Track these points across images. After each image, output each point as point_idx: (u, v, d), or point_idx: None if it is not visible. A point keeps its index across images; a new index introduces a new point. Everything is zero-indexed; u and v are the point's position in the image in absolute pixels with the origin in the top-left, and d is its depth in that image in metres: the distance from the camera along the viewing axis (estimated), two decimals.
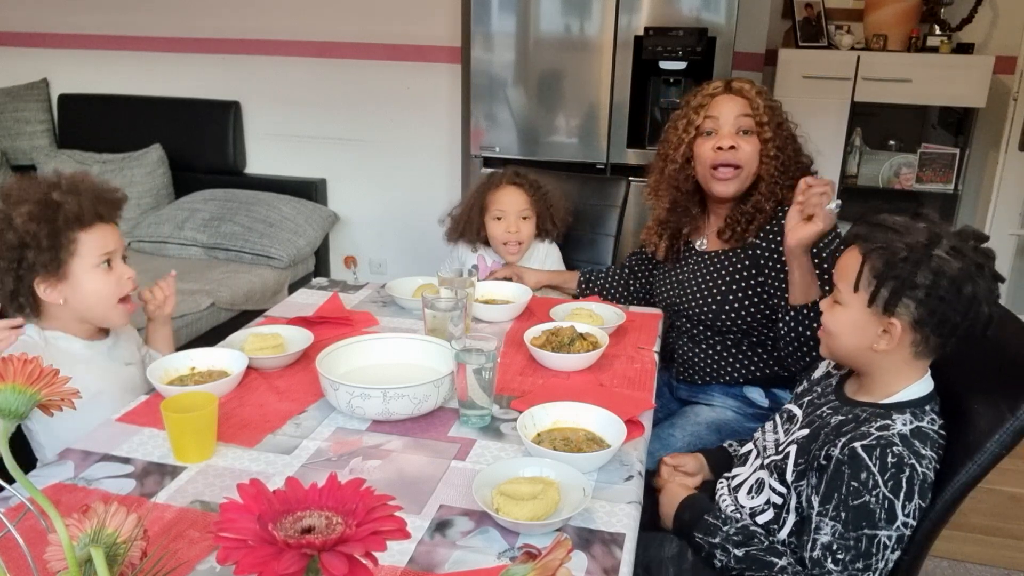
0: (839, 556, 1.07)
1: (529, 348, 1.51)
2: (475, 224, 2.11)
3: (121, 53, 3.64)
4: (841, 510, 1.07)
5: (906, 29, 3.11)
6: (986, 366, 1.19)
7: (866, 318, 1.14)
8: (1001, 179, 3.13)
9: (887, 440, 1.08)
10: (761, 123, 1.66)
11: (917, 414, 1.13)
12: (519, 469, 1.09)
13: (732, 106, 1.67)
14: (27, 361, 0.71)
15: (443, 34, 3.31)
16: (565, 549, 0.69)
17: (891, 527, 1.06)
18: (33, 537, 0.76)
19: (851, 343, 1.18)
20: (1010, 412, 1.09)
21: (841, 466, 1.09)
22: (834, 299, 1.20)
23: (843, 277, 1.17)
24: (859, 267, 1.13)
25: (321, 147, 3.59)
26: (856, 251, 1.16)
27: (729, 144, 1.64)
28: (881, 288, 1.11)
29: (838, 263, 1.20)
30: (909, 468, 1.06)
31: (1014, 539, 2.28)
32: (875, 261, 1.12)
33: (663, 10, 2.77)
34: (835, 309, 1.19)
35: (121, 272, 1.40)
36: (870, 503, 1.06)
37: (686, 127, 1.71)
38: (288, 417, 1.29)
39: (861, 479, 1.07)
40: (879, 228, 1.15)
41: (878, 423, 1.11)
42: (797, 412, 1.30)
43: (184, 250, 3.17)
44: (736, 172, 1.66)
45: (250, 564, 0.59)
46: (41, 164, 3.54)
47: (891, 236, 1.12)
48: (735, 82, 1.71)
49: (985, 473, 1.12)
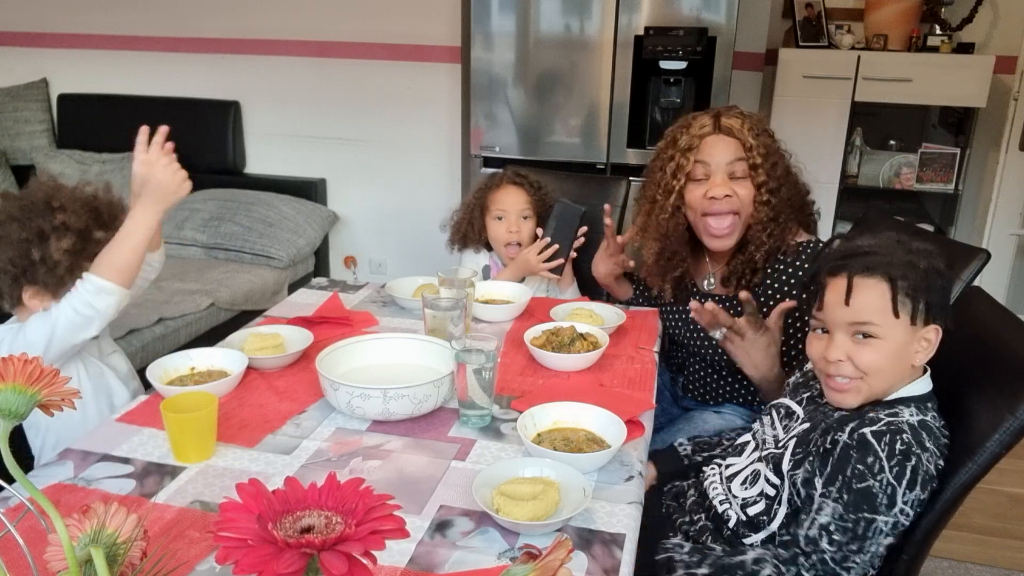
0: (835, 537, 1.08)
1: (529, 348, 1.51)
2: (477, 225, 2.10)
3: (121, 53, 3.64)
4: (844, 492, 1.08)
5: (906, 29, 3.11)
6: (985, 366, 1.19)
7: (907, 339, 1.13)
8: (1001, 179, 3.13)
9: (896, 427, 1.09)
10: (755, 165, 1.55)
11: (921, 408, 1.14)
12: (519, 469, 1.09)
13: (724, 149, 1.56)
14: (27, 361, 0.71)
15: (443, 34, 3.31)
16: (565, 549, 0.69)
17: (890, 513, 1.07)
18: (33, 537, 0.75)
19: (894, 371, 1.15)
20: (1010, 412, 1.10)
21: (849, 450, 1.09)
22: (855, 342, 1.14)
23: (872, 312, 1.13)
24: (890, 293, 1.12)
25: (321, 147, 3.58)
26: (876, 280, 1.13)
27: (724, 193, 1.54)
28: (919, 302, 1.12)
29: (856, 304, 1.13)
30: (915, 458, 1.07)
31: (1015, 539, 2.28)
32: (902, 281, 1.11)
33: (663, 10, 2.77)
34: (865, 349, 1.14)
35: None
36: (874, 487, 1.07)
37: (675, 172, 1.59)
38: (288, 417, 1.29)
39: (867, 463, 1.07)
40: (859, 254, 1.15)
41: (886, 411, 1.12)
42: (796, 409, 1.29)
43: (184, 250, 3.17)
44: (732, 221, 1.57)
45: (250, 564, 0.59)
46: (41, 164, 3.54)
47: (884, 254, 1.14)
48: (724, 119, 1.58)
49: (985, 473, 1.12)
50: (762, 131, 1.59)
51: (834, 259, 1.18)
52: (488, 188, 2.10)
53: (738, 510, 1.25)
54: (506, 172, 2.12)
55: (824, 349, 1.17)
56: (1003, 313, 1.29)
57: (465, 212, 2.14)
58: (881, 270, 1.12)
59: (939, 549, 2.19)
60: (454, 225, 2.16)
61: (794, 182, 1.62)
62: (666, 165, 1.62)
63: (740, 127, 1.56)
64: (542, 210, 2.09)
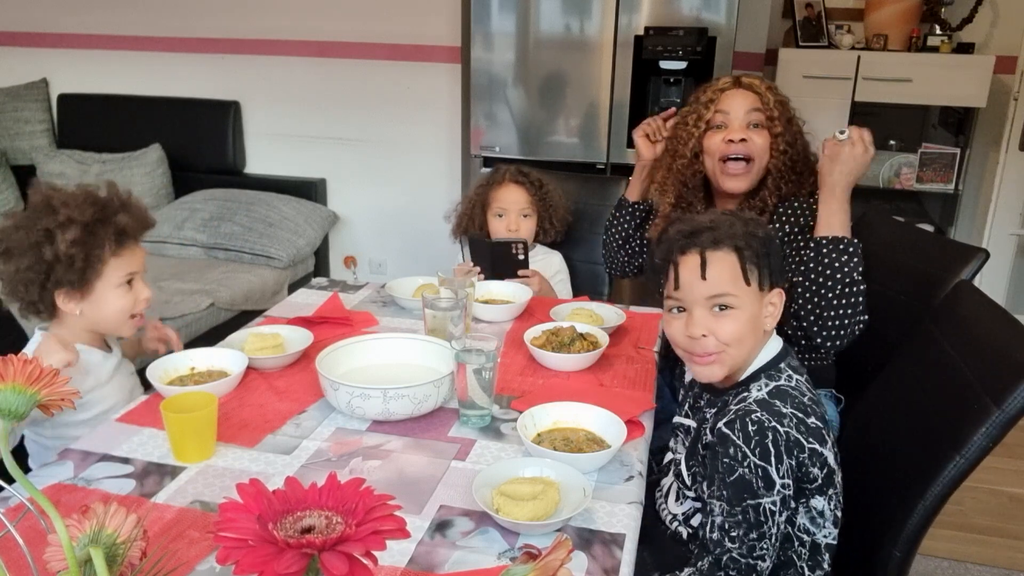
0: (732, 533, 1.08)
1: (529, 348, 1.51)
2: (477, 221, 2.11)
3: (121, 53, 3.64)
4: (722, 488, 1.09)
5: (906, 29, 3.11)
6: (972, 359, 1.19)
7: (758, 305, 1.17)
8: (1001, 179, 3.13)
9: (744, 410, 1.09)
10: (772, 117, 1.65)
11: (772, 375, 1.15)
12: (519, 469, 1.09)
13: (743, 100, 1.66)
14: (27, 361, 0.71)
15: (443, 34, 3.31)
16: (565, 549, 0.69)
17: (771, 492, 1.07)
18: (33, 537, 0.75)
19: (751, 340, 1.17)
20: (996, 404, 1.09)
21: (715, 448, 1.11)
22: (713, 315, 1.15)
23: (726, 282, 1.14)
24: (739, 262, 1.15)
25: (321, 147, 3.58)
26: (724, 252, 1.15)
27: (740, 137, 1.64)
28: (764, 268, 1.16)
29: (711, 277, 1.14)
30: (771, 431, 1.07)
31: (1015, 539, 2.28)
32: (747, 250, 1.15)
33: (663, 10, 2.77)
34: (725, 320, 1.15)
35: (139, 292, 1.42)
36: (745, 475, 1.07)
37: (696, 121, 1.70)
38: (288, 417, 1.29)
39: (731, 454, 1.08)
40: (703, 230, 1.17)
41: (737, 398, 1.14)
42: (688, 423, 1.30)
43: (184, 250, 3.17)
44: (747, 167, 1.65)
45: (250, 564, 0.59)
46: (41, 164, 3.54)
47: (725, 227, 1.17)
48: (744, 78, 1.70)
49: (973, 467, 1.11)
50: (779, 92, 1.70)
51: (680, 238, 1.19)
52: (490, 185, 2.11)
53: (681, 526, 1.26)
54: (508, 169, 2.12)
55: (684, 327, 1.18)
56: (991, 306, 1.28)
57: (467, 206, 2.14)
58: (727, 242, 1.15)
59: (939, 549, 2.20)
60: (457, 217, 2.17)
61: (806, 145, 1.71)
62: (688, 117, 1.73)
63: (759, 84, 1.69)
64: (543, 209, 2.10)
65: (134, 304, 1.42)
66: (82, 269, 1.34)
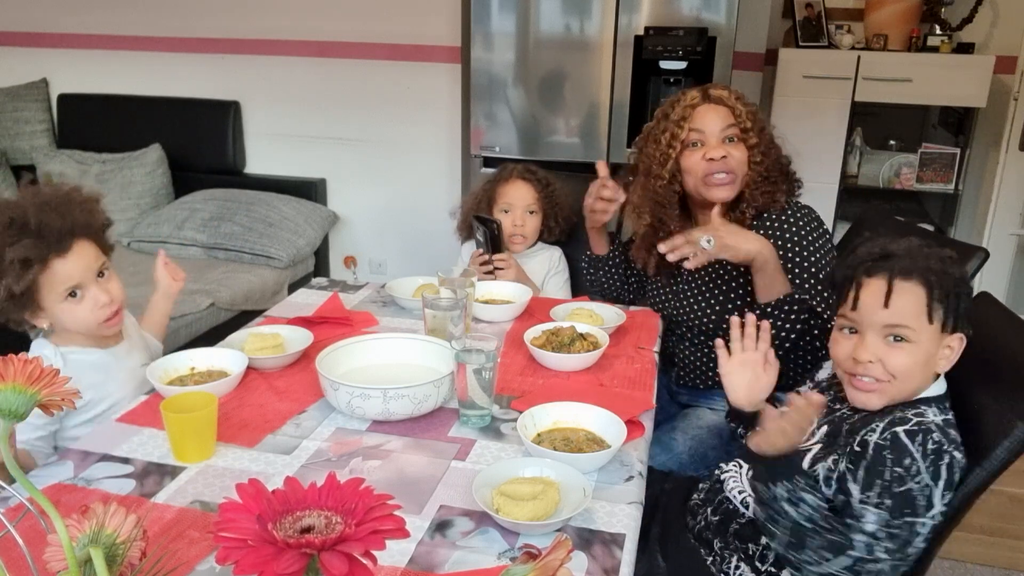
0: (887, 544, 1.05)
1: (529, 348, 1.51)
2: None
3: (121, 53, 3.64)
4: (885, 497, 1.06)
5: (906, 29, 3.11)
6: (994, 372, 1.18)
7: (935, 345, 1.13)
8: (1001, 179, 3.13)
9: (926, 427, 1.07)
10: (746, 129, 1.65)
11: (943, 408, 1.13)
12: (519, 469, 1.09)
13: (716, 116, 1.65)
14: (27, 361, 0.71)
15: (443, 34, 3.31)
16: (565, 549, 0.69)
17: (928, 515, 1.05)
18: (33, 537, 0.75)
19: (920, 377, 1.14)
20: (1019, 419, 1.09)
21: (883, 451, 1.07)
22: (887, 344, 1.13)
23: (909, 315, 1.12)
24: (927, 298, 1.11)
25: (321, 147, 3.58)
26: (913, 284, 1.12)
27: (720, 154, 1.63)
28: (951, 309, 1.12)
29: (894, 306, 1.12)
30: (948, 456, 1.06)
31: (1015, 540, 2.28)
32: (938, 288, 1.11)
33: (663, 10, 2.77)
34: (898, 352, 1.12)
35: (94, 299, 1.33)
36: (913, 490, 1.05)
37: (670, 141, 1.67)
38: (288, 417, 1.29)
39: (904, 464, 1.05)
40: (897, 256, 1.14)
41: (912, 411, 1.11)
42: None
43: (184, 250, 3.17)
44: (731, 176, 1.65)
45: (250, 564, 0.58)
46: (41, 164, 3.54)
47: (920, 258, 1.13)
48: (712, 90, 1.68)
49: (993, 479, 1.11)
50: (747, 101, 1.70)
51: (870, 260, 1.16)
52: (497, 181, 2.13)
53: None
54: (516, 166, 2.14)
55: (853, 349, 1.16)
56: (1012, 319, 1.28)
57: (473, 202, 2.15)
58: (919, 275, 1.12)
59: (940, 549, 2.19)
60: (463, 214, 2.18)
61: (778, 150, 1.72)
62: (660, 136, 1.70)
63: (728, 96, 1.68)
64: (548, 207, 2.11)
65: (91, 313, 1.34)
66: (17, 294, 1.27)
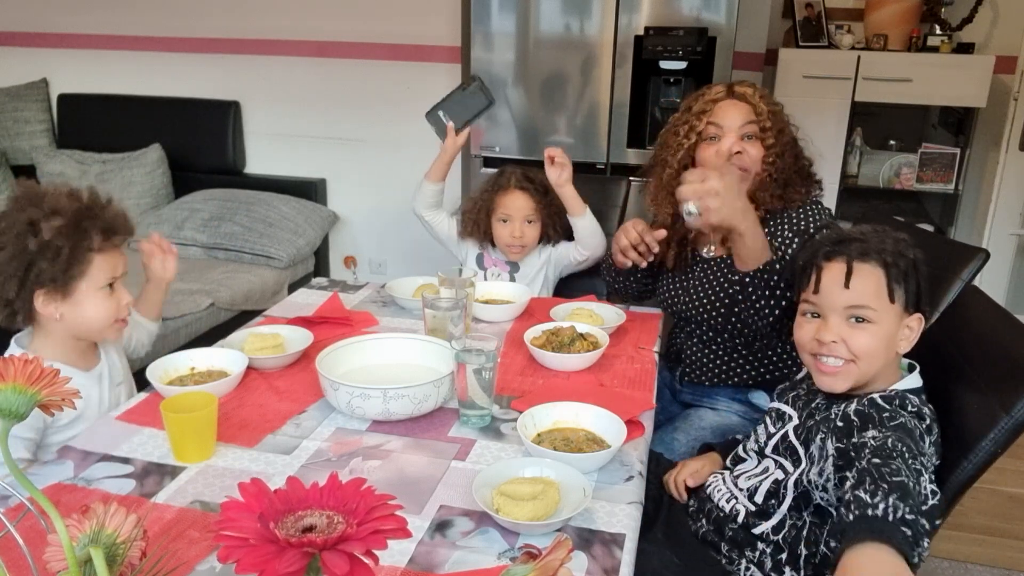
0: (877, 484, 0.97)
1: (529, 348, 1.51)
2: (482, 225, 2.11)
3: (121, 53, 3.64)
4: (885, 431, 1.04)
5: (906, 29, 3.11)
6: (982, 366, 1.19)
7: (896, 325, 1.15)
8: (1001, 179, 3.13)
9: (901, 396, 1.11)
10: (764, 128, 1.65)
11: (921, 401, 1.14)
12: (519, 469, 1.09)
13: (736, 112, 1.65)
14: (27, 361, 0.71)
15: (443, 34, 3.31)
16: (565, 549, 0.69)
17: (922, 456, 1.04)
18: (33, 537, 0.75)
19: (882, 358, 1.15)
20: (1005, 411, 1.09)
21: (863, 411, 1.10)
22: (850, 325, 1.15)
23: (869, 295, 1.14)
24: (886, 278, 1.13)
25: (321, 147, 3.58)
26: (872, 266, 1.14)
27: (736, 149, 1.63)
28: (910, 289, 1.14)
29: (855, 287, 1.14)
30: (928, 419, 1.09)
31: (1015, 539, 2.28)
32: (895, 268, 1.14)
33: (663, 10, 2.77)
34: (861, 332, 1.14)
35: (121, 296, 1.40)
36: (905, 425, 1.06)
37: (687, 132, 1.68)
38: (288, 417, 1.29)
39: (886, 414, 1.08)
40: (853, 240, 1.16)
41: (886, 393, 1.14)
42: (787, 409, 1.29)
43: (184, 250, 3.16)
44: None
45: (251, 563, 0.59)
46: (41, 164, 3.54)
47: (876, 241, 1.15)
48: (738, 87, 1.69)
49: (981, 472, 1.12)
50: (772, 101, 1.69)
51: (829, 244, 1.18)
52: (495, 190, 2.10)
53: (745, 501, 1.24)
54: (514, 173, 2.10)
55: (816, 331, 1.18)
56: (1000, 313, 1.29)
57: (472, 208, 2.14)
58: (876, 256, 1.14)
59: (939, 549, 2.19)
60: (462, 220, 2.18)
61: (799, 152, 1.71)
62: (679, 128, 1.71)
63: (752, 94, 1.67)
64: (547, 215, 2.08)
65: (116, 309, 1.39)
66: (66, 264, 1.29)
